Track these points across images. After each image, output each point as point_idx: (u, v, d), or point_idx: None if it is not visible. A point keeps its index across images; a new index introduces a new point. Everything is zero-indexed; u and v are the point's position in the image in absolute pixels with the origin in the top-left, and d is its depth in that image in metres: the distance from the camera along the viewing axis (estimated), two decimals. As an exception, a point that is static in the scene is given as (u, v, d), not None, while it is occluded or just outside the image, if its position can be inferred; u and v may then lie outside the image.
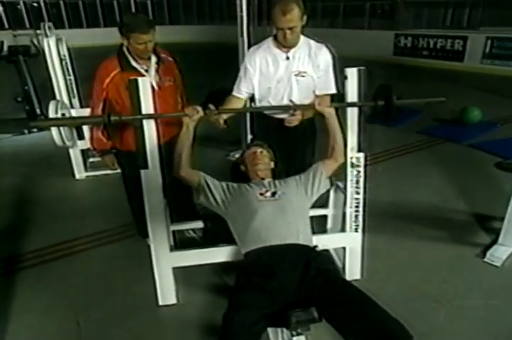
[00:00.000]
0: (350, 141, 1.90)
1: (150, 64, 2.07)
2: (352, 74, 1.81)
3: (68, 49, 3.82)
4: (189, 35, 16.50)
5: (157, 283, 1.95)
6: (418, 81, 7.08)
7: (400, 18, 10.61)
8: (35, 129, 4.83)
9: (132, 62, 2.03)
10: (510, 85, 6.77)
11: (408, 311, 1.70)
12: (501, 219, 2.34)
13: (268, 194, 1.79)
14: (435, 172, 3.51)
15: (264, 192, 1.80)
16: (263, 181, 1.89)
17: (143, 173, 1.78)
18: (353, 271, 2.13)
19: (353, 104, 1.84)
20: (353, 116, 1.87)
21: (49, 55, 3.46)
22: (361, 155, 1.92)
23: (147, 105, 1.70)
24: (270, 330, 1.64)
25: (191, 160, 1.90)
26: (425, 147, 4.18)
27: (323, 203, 2.22)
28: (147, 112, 1.71)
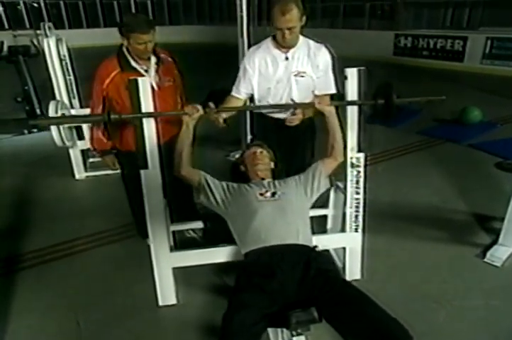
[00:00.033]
0: (350, 141, 1.90)
1: (150, 65, 2.07)
2: (352, 74, 1.81)
3: (68, 49, 3.82)
4: (189, 36, 16.50)
5: (157, 284, 1.95)
6: (418, 81, 7.07)
7: (400, 19, 10.62)
8: (35, 129, 4.83)
9: (131, 63, 2.03)
10: (510, 85, 6.78)
11: (408, 311, 1.70)
12: (501, 219, 2.33)
13: (268, 194, 1.79)
14: (435, 172, 3.51)
15: (264, 192, 1.80)
16: (263, 181, 1.89)
17: (143, 173, 1.78)
18: (353, 271, 2.13)
19: (353, 102, 1.84)
20: (353, 116, 1.87)
21: (49, 55, 3.45)
22: (361, 155, 1.92)
23: (147, 104, 1.70)
24: (270, 330, 1.64)
25: (192, 159, 1.90)
26: (425, 147, 4.18)
27: (323, 203, 2.22)
28: (147, 111, 1.71)
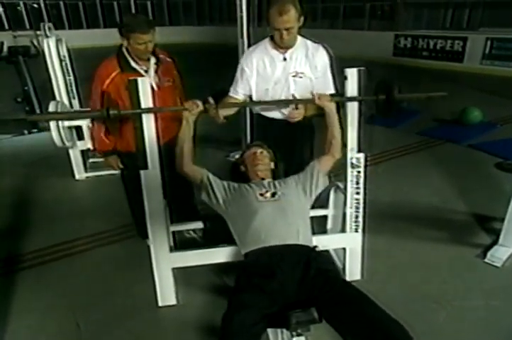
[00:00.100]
0: (350, 141, 1.90)
1: (149, 65, 2.07)
2: (352, 75, 1.81)
3: (68, 49, 3.82)
4: (189, 36, 16.52)
5: (157, 284, 1.95)
6: (418, 82, 7.07)
7: (400, 19, 10.63)
8: (35, 129, 4.83)
9: (131, 63, 2.03)
10: (509, 85, 6.79)
11: (408, 311, 1.70)
12: (501, 219, 2.33)
13: (268, 194, 1.79)
14: (435, 173, 3.51)
15: (264, 192, 1.80)
16: (263, 182, 1.89)
17: (143, 173, 1.78)
18: (353, 272, 2.12)
19: (354, 98, 1.84)
20: (353, 114, 1.87)
21: (49, 56, 3.46)
22: (361, 156, 1.92)
23: (146, 104, 1.70)
24: (270, 331, 1.64)
25: (193, 156, 1.90)
26: (425, 148, 4.18)
27: (323, 204, 2.22)
28: (146, 111, 1.71)
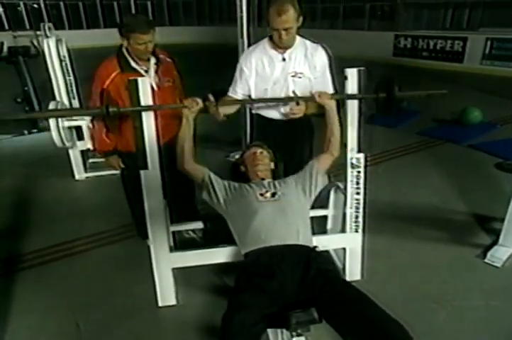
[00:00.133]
0: (350, 141, 1.90)
1: (150, 65, 2.07)
2: (352, 74, 1.81)
3: (68, 50, 3.82)
4: (189, 36, 16.52)
5: (157, 284, 1.95)
6: (418, 82, 7.07)
7: (400, 19, 10.63)
8: (35, 129, 4.84)
9: (131, 63, 2.03)
10: (509, 86, 6.79)
11: (408, 312, 1.70)
12: (501, 219, 2.33)
13: (268, 194, 1.79)
14: (435, 173, 3.51)
15: (264, 192, 1.80)
16: (263, 182, 1.89)
17: (143, 173, 1.78)
18: (353, 272, 2.13)
19: (354, 96, 1.84)
20: (353, 113, 1.87)
21: (49, 56, 3.45)
22: (361, 156, 1.92)
23: (146, 104, 1.69)
24: (270, 331, 1.64)
25: (194, 154, 1.90)
26: (425, 148, 4.18)
27: (323, 204, 2.22)
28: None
